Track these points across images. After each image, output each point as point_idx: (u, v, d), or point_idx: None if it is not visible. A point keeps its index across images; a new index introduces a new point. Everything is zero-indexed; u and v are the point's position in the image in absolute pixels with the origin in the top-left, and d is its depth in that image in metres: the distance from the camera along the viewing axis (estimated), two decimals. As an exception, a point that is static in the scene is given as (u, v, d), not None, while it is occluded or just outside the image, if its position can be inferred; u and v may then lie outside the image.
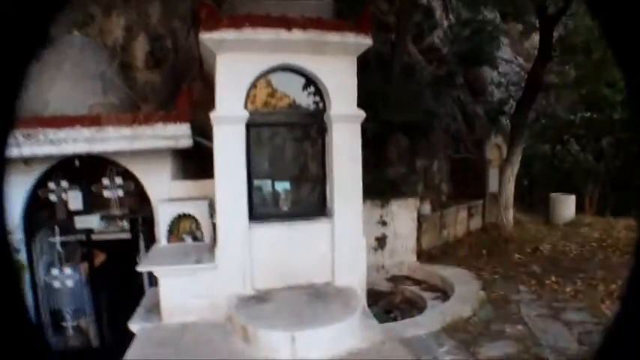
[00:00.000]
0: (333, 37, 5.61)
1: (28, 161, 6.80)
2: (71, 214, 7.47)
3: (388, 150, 8.85)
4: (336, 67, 5.81)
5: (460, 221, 11.27)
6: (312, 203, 6.32)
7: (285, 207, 6.24)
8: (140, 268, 5.81)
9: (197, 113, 6.74)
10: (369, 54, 8.69)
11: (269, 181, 6.49)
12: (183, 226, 7.05)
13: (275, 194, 6.39)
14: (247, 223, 5.71)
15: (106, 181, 7.40)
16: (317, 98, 6.06)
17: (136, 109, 7.42)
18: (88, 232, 7.69)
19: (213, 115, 5.47)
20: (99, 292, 7.93)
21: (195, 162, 7.75)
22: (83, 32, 7.55)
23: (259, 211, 6.07)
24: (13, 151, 6.23)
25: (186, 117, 6.57)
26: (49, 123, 6.36)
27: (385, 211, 8.35)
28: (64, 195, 7.44)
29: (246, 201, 5.69)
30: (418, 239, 9.11)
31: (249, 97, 5.78)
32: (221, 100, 5.50)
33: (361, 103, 5.91)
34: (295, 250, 5.90)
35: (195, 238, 6.91)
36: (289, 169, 6.50)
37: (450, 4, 16.94)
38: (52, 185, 7.35)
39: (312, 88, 6.03)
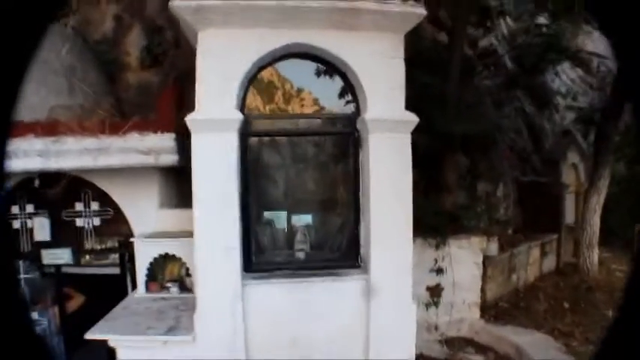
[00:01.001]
0: (369, 3, 3.75)
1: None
2: (38, 246, 5.87)
3: (444, 171, 6.80)
4: (373, 50, 3.92)
5: (532, 262, 8.99)
6: (338, 248, 4.40)
7: (300, 253, 4.33)
8: (90, 335, 4.04)
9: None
10: (417, 43, 6.78)
11: (282, 214, 4.64)
12: (170, 271, 5.29)
13: (287, 234, 4.52)
14: (240, 280, 3.83)
15: (79, 207, 5.77)
16: (347, 97, 4.19)
17: (119, 116, 5.78)
18: (58, 269, 6.08)
19: (189, 118, 3.69)
20: (75, 343, 6.25)
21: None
22: (61, 24, 6.05)
23: (260, 259, 4.21)
24: None
25: (170, 124, 4.84)
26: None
27: (441, 253, 6.28)
28: (29, 222, 5.87)
29: (238, 245, 3.83)
30: (482, 288, 6.97)
31: (247, 94, 3.99)
32: (202, 97, 3.72)
33: (409, 109, 4.00)
34: (312, 320, 3.96)
35: (183, 288, 5.13)
36: (306, 199, 4.63)
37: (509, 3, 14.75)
38: (15, 209, 5.79)
39: (338, 82, 4.16)
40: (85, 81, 5.59)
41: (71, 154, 4.82)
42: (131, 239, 5.20)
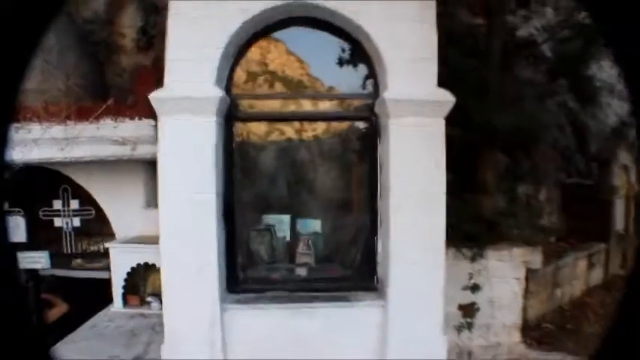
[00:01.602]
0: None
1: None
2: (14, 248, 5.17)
3: (481, 170, 5.80)
4: (395, 12, 3.00)
5: (578, 275, 7.87)
6: (350, 264, 3.51)
7: (302, 269, 3.45)
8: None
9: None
10: (451, 23, 5.83)
11: (284, 219, 3.79)
12: (152, 283, 4.51)
13: (289, 243, 3.66)
14: (218, 304, 2.97)
15: (57, 205, 5.05)
16: (363, 70, 3.29)
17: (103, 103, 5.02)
18: (31, 273, 5.39)
19: (154, 96, 2.85)
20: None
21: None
22: None
23: (249, 275, 3.35)
24: None
25: (150, 109, 4.05)
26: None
27: (477, 266, 5.29)
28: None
29: (215, 259, 2.95)
30: (523, 307, 5.93)
31: (235, 68, 3.13)
32: (172, 70, 2.87)
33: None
34: (313, 358, 3.06)
35: (166, 303, 4.33)
36: (313, 201, 3.77)
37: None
38: (-13, 208, 5.08)
39: (351, 53, 3.27)
40: (64, 63, 4.84)
41: (37, 144, 4.08)
42: (106, 245, 4.44)
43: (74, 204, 5.02)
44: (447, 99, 2.97)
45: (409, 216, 3.04)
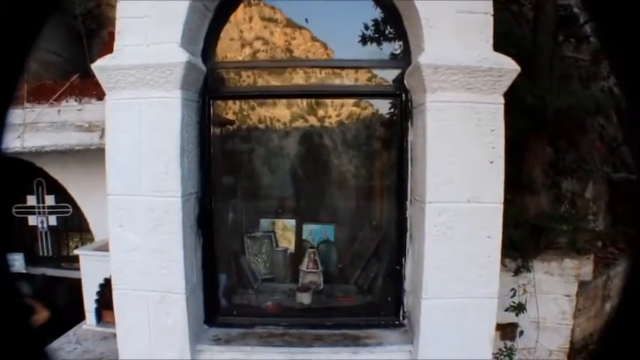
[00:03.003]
0: None
1: None
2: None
3: (528, 165, 4.87)
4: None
5: (630, 284, 6.90)
6: (367, 289, 2.70)
7: (305, 295, 2.64)
8: None
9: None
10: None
11: (289, 224, 3.02)
12: (131, 295, 3.79)
13: (293, 256, 2.88)
14: (188, 343, 2.19)
15: (32, 201, 4.37)
16: (387, 30, 2.44)
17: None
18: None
19: (97, 65, 2.06)
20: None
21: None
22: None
23: (233, 302, 2.57)
24: None
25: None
26: None
27: (521, 281, 4.43)
28: (-28, 219, 4.50)
29: (182, 287, 2.14)
30: (573, 328, 5.05)
31: (215, 31, 2.32)
32: (124, 30, 2.07)
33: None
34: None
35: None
36: (323, 204, 2.96)
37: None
38: (-47, 202, 4.43)
39: (371, 9, 2.42)
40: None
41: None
42: (75, 251, 3.73)
43: (49, 200, 4.32)
44: (508, 67, 2.10)
45: (451, 231, 2.20)
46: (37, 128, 3.35)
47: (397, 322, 2.43)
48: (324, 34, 2.67)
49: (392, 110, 2.62)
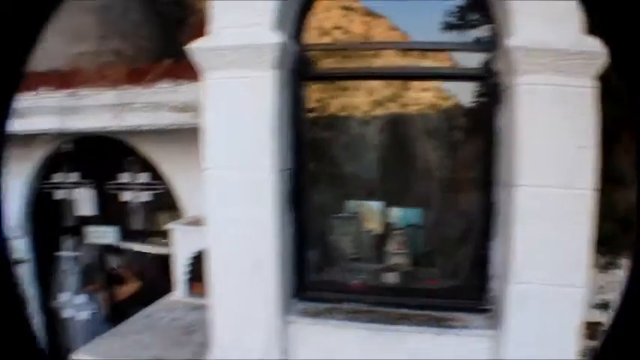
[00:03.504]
0: None
1: (28, 140, 4.41)
2: (83, 222, 4.96)
3: (618, 155, 4.59)
4: None
5: None
6: (453, 273, 2.69)
7: (391, 274, 2.68)
8: (76, 355, 2.83)
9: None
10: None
11: (375, 206, 3.07)
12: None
13: (379, 238, 2.93)
14: (278, 315, 2.31)
15: (125, 177, 4.69)
16: (470, 15, 2.40)
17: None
18: (105, 249, 5.16)
19: (195, 47, 2.19)
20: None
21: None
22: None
23: (321, 278, 2.66)
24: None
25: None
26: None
27: (608, 278, 4.20)
28: (73, 193, 4.96)
29: (274, 255, 2.27)
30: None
31: (305, 14, 2.38)
32: (218, 12, 2.19)
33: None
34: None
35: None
36: (409, 186, 2.97)
37: None
38: (59, 177, 4.90)
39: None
40: (125, 24, 4.40)
41: (90, 111, 3.67)
42: (168, 225, 3.98)
43: (143, 177, 4.63)
44: (598, 50, 2.01)
45: (541, 216, 2.15)
46: (133, 108, 3.60)
47: (482, 307, 2.41)
48: (403, 23, 2.67)
49: (479, 94, 2.58)
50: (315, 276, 2.64)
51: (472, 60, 2.46)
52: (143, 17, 4.71)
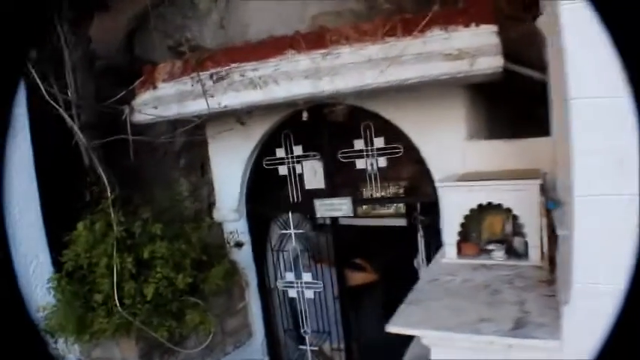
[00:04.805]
0: None
1: (243, 119, 4.55)
2: (310, 196, 5.00)
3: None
4: None
5: None
6: None
7: None
8: (391, 328, 2.67)
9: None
10: None
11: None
12: (488, 227, 3.63)
13: None
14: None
15: (359, 145, 4.61)
16: None
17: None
18: (334, 222, 5.15)
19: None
20: (351, 312, 5.36)
21: (509, 107, 4.32)
22: None
23: None
24: (201, 105, 4.01)
25: (487, 12, 3.13)
26: (244, 54, 3.84)
27: None
28: (298, 167, 5.03)
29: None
30: None
31: None
32: None
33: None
34: None
35: (511, 252, 3.44)
36: None
37: None
38: (281, 152, 5.00)
39: None
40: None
41: (349, 69, 3.54)
42: (437, 184, 3.73)
43: (378, 142, 4.49)
44: None
45: None
46: (401, 62, 3.39)
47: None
48: None
49: None
50: None
51: None
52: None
